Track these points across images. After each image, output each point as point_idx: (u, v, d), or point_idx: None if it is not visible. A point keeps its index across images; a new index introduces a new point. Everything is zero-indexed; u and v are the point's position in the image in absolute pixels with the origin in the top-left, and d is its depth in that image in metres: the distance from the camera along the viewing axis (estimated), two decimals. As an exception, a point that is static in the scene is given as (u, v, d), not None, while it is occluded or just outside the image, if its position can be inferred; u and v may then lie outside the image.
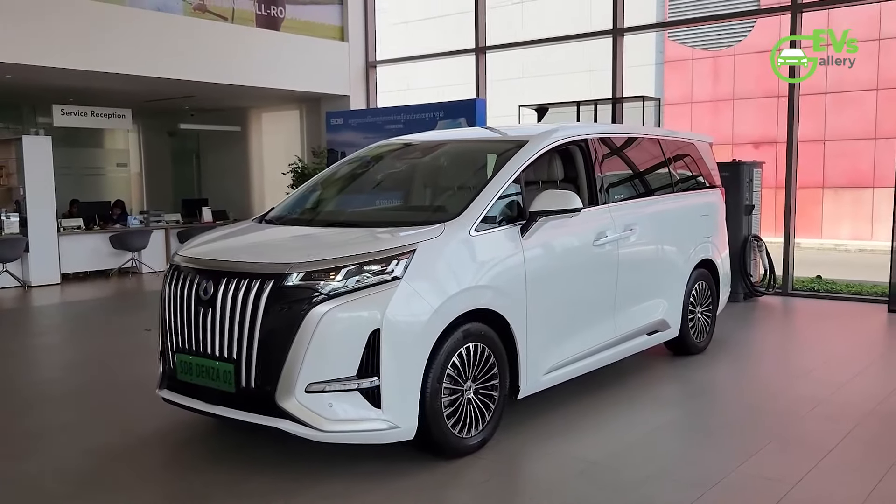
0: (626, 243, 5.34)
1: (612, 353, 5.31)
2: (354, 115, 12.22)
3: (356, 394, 3.73)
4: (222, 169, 16.84)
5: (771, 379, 5.87)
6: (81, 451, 4.41)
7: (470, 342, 4.10)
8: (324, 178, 5.53)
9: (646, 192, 5.96)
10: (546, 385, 4.73)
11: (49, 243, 11.71)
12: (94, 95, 12.74)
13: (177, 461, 4.31)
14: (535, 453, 4.28)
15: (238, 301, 3.85)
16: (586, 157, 5.23)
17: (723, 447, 4.34)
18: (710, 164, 6.86)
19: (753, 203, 9.12)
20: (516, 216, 4.52)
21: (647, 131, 6.21)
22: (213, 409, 4.00)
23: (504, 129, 5.76)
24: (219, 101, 14.44)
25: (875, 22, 16.96)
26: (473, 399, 4.15)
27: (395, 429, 3.78)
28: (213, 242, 4.56)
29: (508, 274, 4.36)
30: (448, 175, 5.20)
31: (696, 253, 6.24)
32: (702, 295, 6.40)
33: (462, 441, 4.10)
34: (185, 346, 4.10)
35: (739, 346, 6.90)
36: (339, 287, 3.76)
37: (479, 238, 4.25)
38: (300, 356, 3.69)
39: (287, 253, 4.14)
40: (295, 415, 3.71)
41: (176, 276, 4.23)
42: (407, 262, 3.87)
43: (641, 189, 5.93)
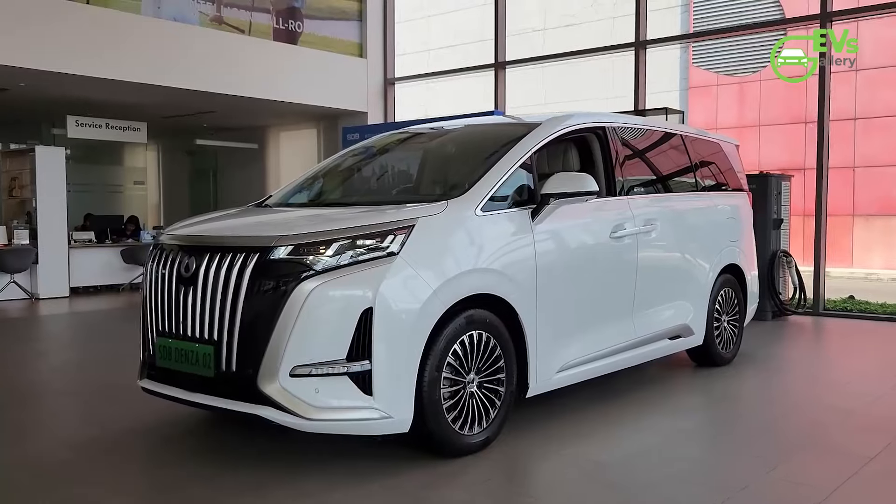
0: (646, 239, 4.99)
1: (631, 355, 4.93)
2: (371, 129, 12.01)
3: (345, 379, 3.40)
4: (239, 187, 16.70)
5: (801, 390, 5.43)
6: (60, 444, 4.11)
7: (474, 330, 3.76)
8: (328, 167, 5.26)
9: (668, 189, 5.62)
10: (558, 384, 4.36)
11: (59, 255, 11.53)
12: (111, 108, 12.67)
13: (156, 455, 3.99)
14: (541, 453, 3.90)
15: (220, 277, 3.55)
16: (604, 145, 4.91)
17: (749, 453, 3.92)
18: (737, 167, 6.50)
19: (782, 217, 8.72)
20: (527, 200, 4.20)
21: (670, 126, 5.89)
22: (192, 396, 3.68)
23: (518, 116, 5.48)
24: (236, 118, 14.35)
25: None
26: (477, 393, 3.80)
27: (388, 419, 3.43)
28: (202, 223, 4.28)
29: (517, 259, 4.03)
30: (456, 160, 4.90)
31: (722, 257, 5.86)
32: (728, 303, 6.00)
33: (463, 438, 3.74)
34: (165, 329, 3.80)
35: (767, 360, 6.47)
36: (329, 262, 3.45)
37: (485, 218, 3.93)
38: (285, 337, 3.37)
39: (275, 227, 3.84)
40: (277, 401, 3.38)
41: (158, 256, 3.94)
42: (404, 237, 3.56)
43: (663, 185, 5.59)
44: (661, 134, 5.70)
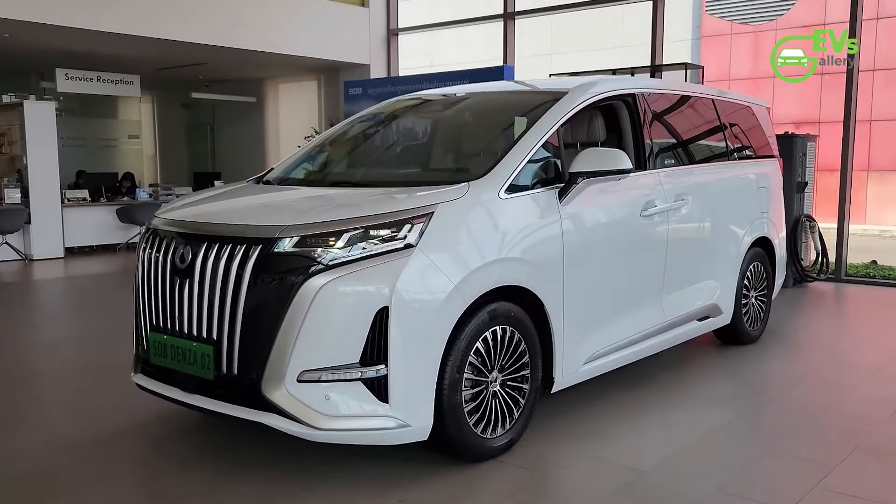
0: (676, 215, 4.63)
1: (660, 340, 4.62)
2: (374, 84, 11.55)
3: (359, 385, 3.08)
4: (237, 142, 16.24)
5: (837, 376, 5.11)
6: (45, 445, 3.80)
7: (497, 325, 3.42)
8: (333, 137, 4.86)
9: (699, 159, 5.23)
10: (585, 377, 4.05)
11: (52, 215, 11.17)
12: (102, 61, 12.13)
13: (151, 459, 3.69)
14: (569, 458, 3.59)
15: (219, 270, 3.21)
16: (633, 115, 4.52)
17: (794, 455, 3.63)
18: (768, 132, 6.09)
19: (806, 180, 8.33)
20: (553, 178, 3.83)
21: (701, 90, 5.47)
22: (189, 398, 3.37)
23: (536, 83, 5.06)
24: (233, 70, 13.80)
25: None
26: (500, 392, 3.49)
27: (406, 427, 3.13)
28: (198, 204, 3.91)
29: (543, 245, 3.68)
30: (474, 132, 4.51)
31: (753, 230, 5.50)
32: (756, 278, 5.67)
33: (485, 442, 3.44)
34: (159, 324, 3.47)
35: (794, 337, 6.17)
36: (339, 255, 3.10)
37: (509, 202, 3.56)
38: (291, 338, 3.04)
39: (279, 214, 3.47)
40: (284, 408, 3.07)
41: (152, 242, 3.58)
42: (422, 226, 3.20)
43: (694, 155, 5.20)
44: (692, 98, 5.29)
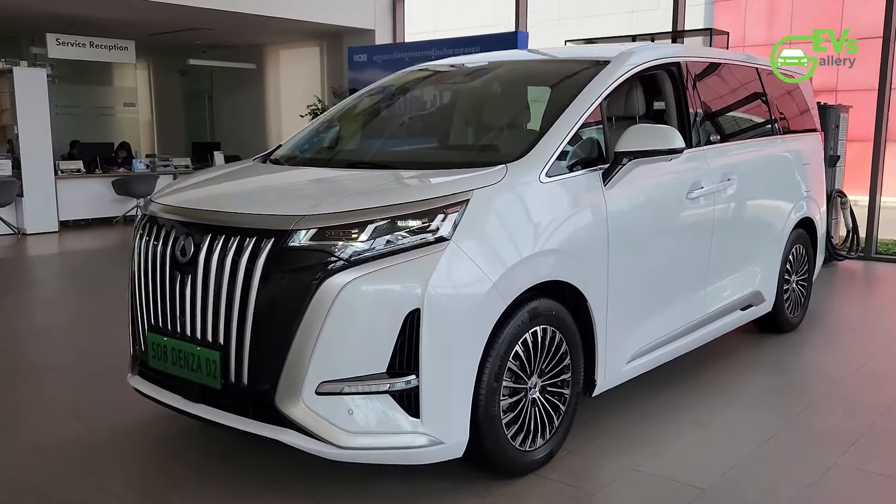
0: (722, 197, 4.23)
1: (704, 333, 4.25)
2: (380, 50, 11.04)
3: (386, 397, 2.70)
4: (237, 110, 15.75)
5: (889, 370, 4.74)
6: (29, 451, 3.44)
7: (538, 325, 3.05)
8: (344, 111, 4.44)
9: (744, 135, 4.82)
10: (627, 377, 3.69)
11: (45, 187, 10.74)
12: (95, 26, 11.61)
13: (148, 470, 3.33)
14: (617, 473, 3.22)
15: (225, 266, 2.81)
16: (677, 86, 4.10)
17: (864, 469, 3.26)
18: (811, 103, 5.68)
19: (839, 153, 7.91)
20: (596, 159, 3.42)
21: (745, 59, 5.03)
22: (193, 408, 3.00)
23: (568, 51, 4.62)
24: (232, 35, 13.27)
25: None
26: (539, 399, 3.12)
27: (438, 445, 2.76)
28: (199, 187, 3.50)
29: (587, 234, 3.29)
30: (506, 106, 4.08)
31: (797, 210, 5.11)
32: (798, 261, 5.29)
33: (524, 455, 3.08)
34: (159, 324, 3.09)
35: (833, 323, 5.79)
36: (363, 250, 2.70)
37: (551, 186, 3.16)
38: (309, 344, 2.66)
39: (294, 202, 3.07)
40: (301, 424, 2.70)
41: (149, 230, 3.19)
42: (457, 216, 2.80)
43: (739, 130, 4.79)
44: (736, 68, 4.86)
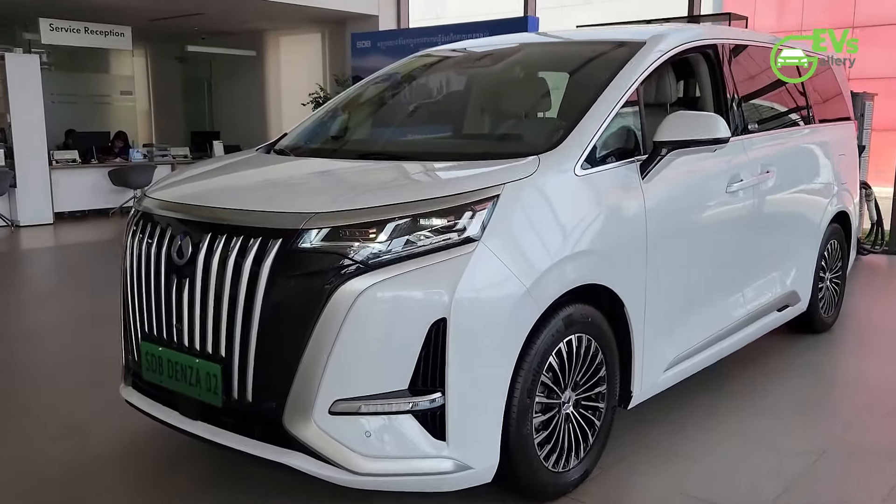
0: (761, 190, 3.93)
1: (741, 336, 3.95)
2: (384, 37, 10.72)
3: (408, 418, 2.41)
4: (236, 99, 15.41)
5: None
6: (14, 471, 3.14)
7: (573, 334, 2.75)
8: (351, 98, 4.13)
9: (782, 124, 4.52)
10: (664, 386, 3.39)
11: (40, 178, 10.44)
12: (90, 10, 11.26)
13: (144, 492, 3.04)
14: (658, 495, 2.93)
15: (227, 269, 2.51)
16: (714, 70, 3.79)
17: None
18: (845, 91, 5.37)
19: (864, 143, 7.61)
20: (632, 150, 3.12)
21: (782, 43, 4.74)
22: (191, 426, 2.71)
23: (590, 33, 4.31)
24: (231, 21, 12.93)
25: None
26: (573, 415, 2.83)
27: (466, 470, 2.46)
28: (198, 180, 3.20)
29: (625, 232, 2.99)
30: (533, 92, 3.75)
31: (833, 203, 4.81)
32: (832, 257, 4.99)
33: (558, 477, 2.79)
34: (153, 332, 2.79)
35: (865, 323, 5.49)
36: (382, 252, 2.40)
37: (587, 179, 2.86)
38: (321, 358, 2.36)
39: (303, 197, 2.76)
40: (313, 447, 2.41)
41: (143, 228, 2.88)
42: (486, 214, 2.50)
43: (777, 119, 4.49)
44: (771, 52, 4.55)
